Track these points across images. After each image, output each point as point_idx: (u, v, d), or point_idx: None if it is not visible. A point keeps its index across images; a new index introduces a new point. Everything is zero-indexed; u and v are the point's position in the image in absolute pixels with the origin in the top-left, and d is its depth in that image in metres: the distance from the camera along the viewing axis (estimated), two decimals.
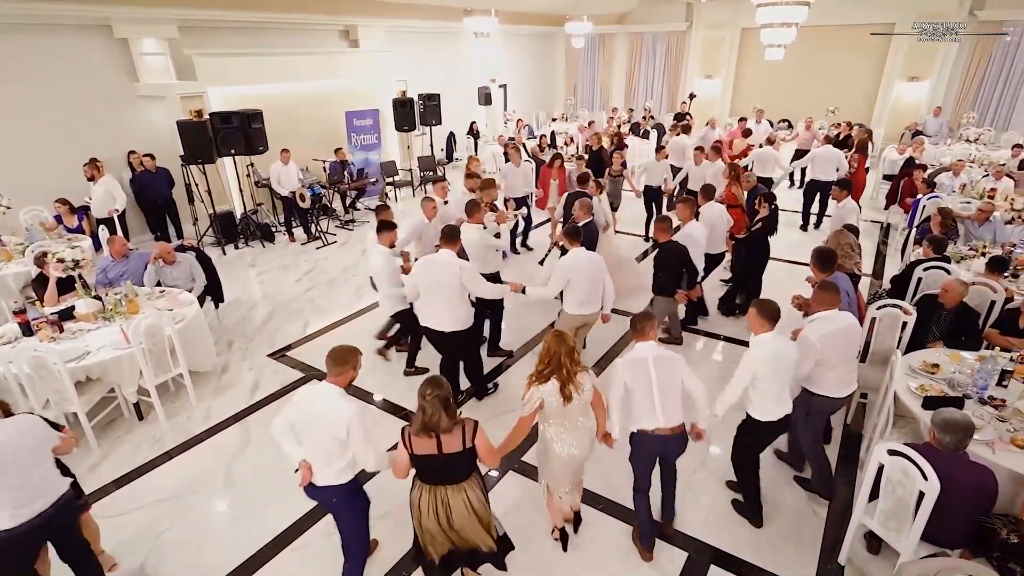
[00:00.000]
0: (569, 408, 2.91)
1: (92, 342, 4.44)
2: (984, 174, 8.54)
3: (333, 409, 2.67)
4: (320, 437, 2.71)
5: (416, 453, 2.59)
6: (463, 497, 2.67)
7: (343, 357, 2.75)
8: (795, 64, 13.81)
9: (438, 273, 4.23)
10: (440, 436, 2.55)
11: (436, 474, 2.65)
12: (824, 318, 3.49)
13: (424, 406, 2.54)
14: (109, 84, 8.18)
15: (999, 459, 3.00)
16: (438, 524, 2.68)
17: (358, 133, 11.15)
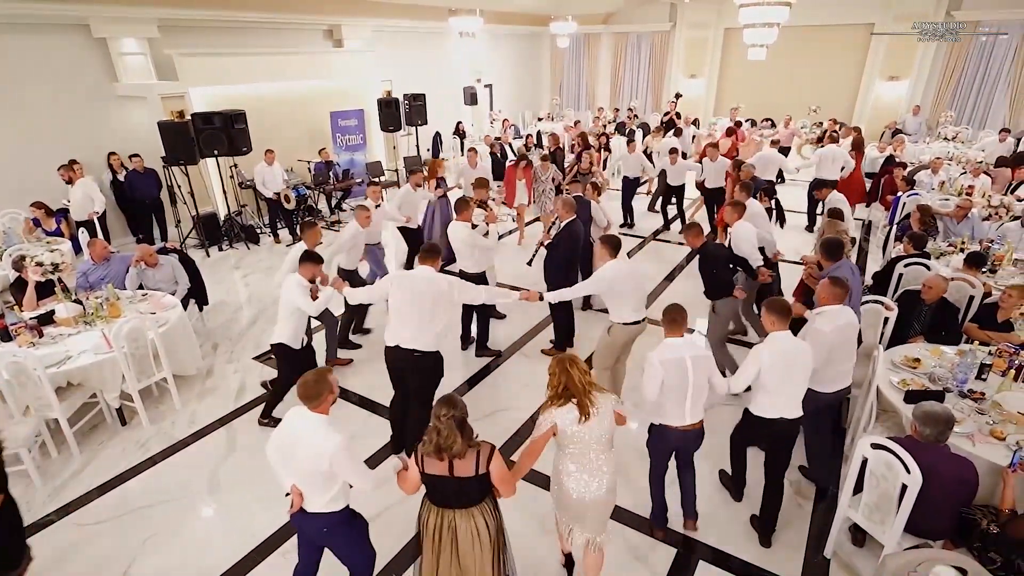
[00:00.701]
0: (584, 437, 2.63)
1: (73, 347, 4.36)
2: (962, 171, 8.71)
3: (316, 442, 2.49)
4: (301, 468, 2.54)
5: (427, 472, 2.44)
6: (472, 524, 2.49)
7: (315, 390, 2.54)
8: (778, 64, 13.99)
9: (417, 290, 3.76)
10: (453, 460, 2.38)
11: (445, 496, 2.49)
12: (830, 313, 3.51)
13: (439, 427, 2.35)
14: (88, 85, 8.03)
15: (979, 451, 3.06)
16: (440, 548, 2.51)
17: (343, 133, 11.08)
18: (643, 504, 3.74)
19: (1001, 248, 5.72)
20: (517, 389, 5.04)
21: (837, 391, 3.64)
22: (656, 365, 3.04)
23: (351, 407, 4.87)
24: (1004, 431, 3.18)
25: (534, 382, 5.00)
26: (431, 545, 2.55)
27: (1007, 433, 3.17)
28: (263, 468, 4.14)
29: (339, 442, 2.48)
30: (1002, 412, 3.36)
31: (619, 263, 4.14)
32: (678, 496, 3.57)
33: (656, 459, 3.39)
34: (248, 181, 9.08)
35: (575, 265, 5.56)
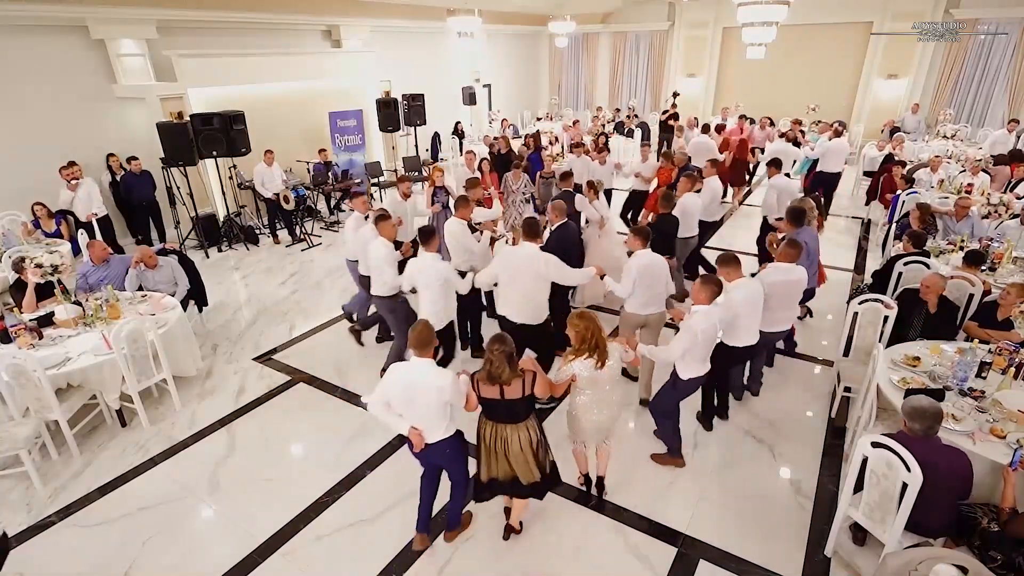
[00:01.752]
0: (600, 377, 3.26)
1: (73, 348, 4.36)
2: (961, 170, 8.71)
3: (433, 379, 3.00)
4: (427, 405, 3.03)
5: (482, 396, 3.03)
6: (519, 435, 3.09)
7: (427, 339, 3.06)
8: (776, 63, 13.98)
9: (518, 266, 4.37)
10: (504, 386, 2.95)
11: (498, 414, 3.09)
12: (779, 268, 4.34)
13: (491, 359, 2.92)
14: (86, 86, 8.03)
15: (979, 449, 3.06)
16: (496, 453, 3.14)
17: (342, 134, 11.08)
18: (643, 504, 3.75)
19: (1000, 246, 5.73)
20: None
21: (779, 331, 4.56)
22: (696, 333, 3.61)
23: (352, 408, 4.87)
24: (1004, 429, 3.18)
25: None
26: (487, 451, 3.17)
27: (1007, 431, 3.17)
28: (263, 469, 4.16)
29: (452, 376, 3.04)
30: (1002, 410, 3.36)
31: (645, 254, 4.35)
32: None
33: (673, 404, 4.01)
34: (247, 182, 9.08)
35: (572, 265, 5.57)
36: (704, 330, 3.62)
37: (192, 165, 8.04)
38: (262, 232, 9.29)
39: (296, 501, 3.82)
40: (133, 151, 8.31)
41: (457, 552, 3.44)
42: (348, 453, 4.29)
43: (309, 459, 4.32)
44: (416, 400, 3.03)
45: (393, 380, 3.06)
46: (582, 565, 3.35)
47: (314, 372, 5.37)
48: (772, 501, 3.79)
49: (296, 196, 8.89)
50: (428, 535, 3.50)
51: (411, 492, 3.87)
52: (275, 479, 4.06)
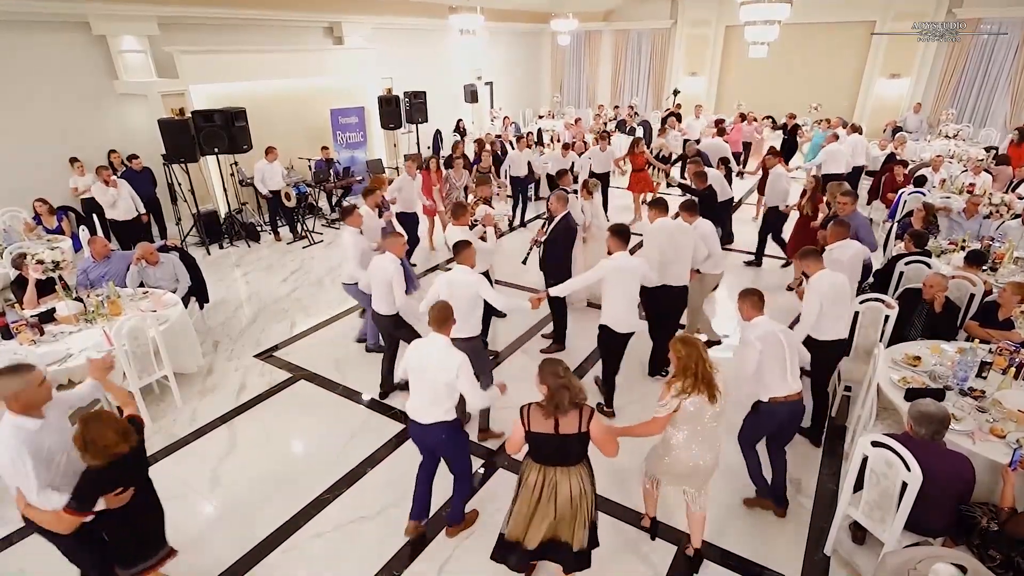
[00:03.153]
0: (706, 412, 2.86)
1: (74, 345, 4.37)
2: (963, 169, 8.69)
3: (443, 357, 3.05)
4: (434, 380, 3.07)
5: (532, 430, 2.67)
6: (571, 481, 2.71)
7: (447, 315, 3.15)
8: (778, 62, 13.96)
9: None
10: (558, 417, 2.61)
11: (549, 454, 2.71)
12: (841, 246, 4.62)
13: (566, 384, 2.59)
14: (88, 83, 8.02)
15: (979, 449, 3.06)
16: (539, 503, 2.74)
17: (343, 131, 11.07)
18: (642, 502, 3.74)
19: (1002, 246, 5.72)
20: (516, 386, 5.02)
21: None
22: (754, 342, 3.29)
23: (353, 405, 4.87)
24: (1004, 429, 3.18)
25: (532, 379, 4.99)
26: (528, 499, 2.76)
27: (1007, 431, 3.17)
28: (264, 465, 4.17)
29: (463, 357, 3.06)
30: (1002, 410, 3.36)
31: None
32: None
33: (756, 439, 3.60)
34: (248, 179, 9.08)
35: (571, 258, 5.59)
36: (761, 337, 3.30)
37: (193, 162, 8.04)
38: (263, 229, 9.29)
39: (297, 498, 3.83)
40: (134, 148, 8.31)
41: (458, 548, 3.45)
42: (349, 450, 4.29)
43: (310, 456, 4.32)
44: (425, 374, 3.11)
45: (409, 352, 3.21)
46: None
47: (315, 369, 5.38)
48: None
49: (297, 193, 8.89)
50: (420, 523, 3.50)
51: (411, 489, 3.88)
52: (276, 476, 4.07)
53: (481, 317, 4.18)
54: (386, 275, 4.39)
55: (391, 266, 4.40)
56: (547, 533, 2.77)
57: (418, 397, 3.19)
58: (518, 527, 2.81)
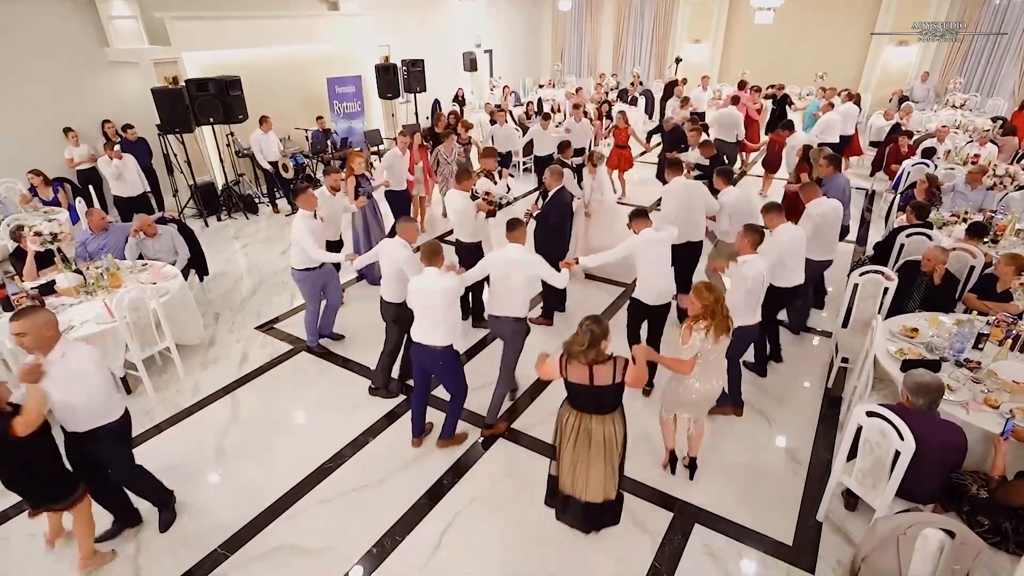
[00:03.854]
0: (716, 346, 3.23)
1: (75, 316, 4.38)
2: (968, 140, 8.58)
3: (438, 282, 3.51)
4: (433, 307, 3.54)
5: (569, 380, 2.87)
6: (604, 428, 2.94)
7: (436, 248, 3.63)
8: (784, 29, 13.64)
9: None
10: (592, 368, 2.79)
11: (585, 402, 2.94)
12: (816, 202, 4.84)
13: (579, 333, 2.79)
14: (78, 50, 7.84)
15: (972, 419, 3.10)
16: (575, 449, 2.99)
17: (340, 101, 10.89)
18: (641, 470, 3.82)
19: (1004, 218, 5.69)
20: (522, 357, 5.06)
21: (824, 260, 5.07)
22: (746, 280, 3.79)
23: (354, 376, 4.92)
24: (998, 400, 3.22)
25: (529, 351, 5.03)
26: (567, 443, 3.02)
27: (1001, 402, 3.21)
28: (267, 435, 4.24)
29: (455, 277, 3.64)
30: (997, 381, 3.40)
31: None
32: None
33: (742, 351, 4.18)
34: (245, 149, 8.96)
35: (566, 232, 5.59)
36: (753, 277, 3.79)
37: (189, 132, 7.93)
38: (261, 201, 9.22)
39: (300, 467, 3.90)
40: (128, 118, 8.18)
41: (459, 516, 3.53)
42: (350, 421, 4.35)
43: (312, 426, 4.39)
44: (424, 304, 3.56)
45: (411, 288, 3.67)
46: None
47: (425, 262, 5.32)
48: (767, 468, 3.87)
49: (295, 164, 8.79)
50: (420, 439, 4.07)
51: (413, 459, 3.97)
52: (279, 446, 4.14)
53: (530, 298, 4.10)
54: (396, 262, 4.10)
55: (403, 252, 4.08)
56: (594, 490, 3.06)
57: (423, 324, 3.64)
58: (567, 478, 3.11)
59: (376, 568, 3.20)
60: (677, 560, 3.23)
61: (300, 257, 4.82)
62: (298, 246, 4.76)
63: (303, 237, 4.68)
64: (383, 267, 4.25)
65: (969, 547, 2.34)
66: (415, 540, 3.37)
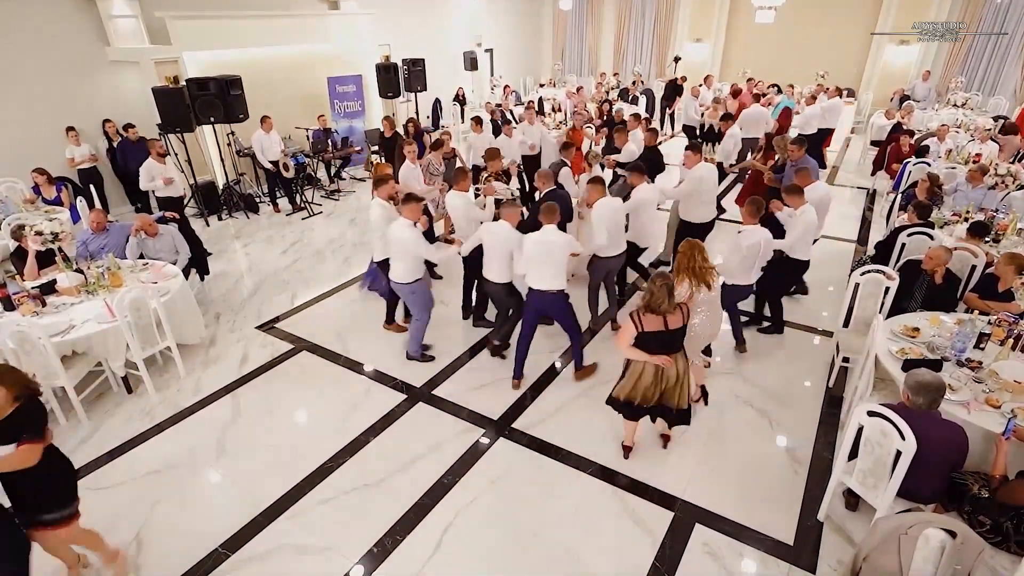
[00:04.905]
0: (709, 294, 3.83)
1: (76, 316, 4.38)
2: (970, 139, 8.57)
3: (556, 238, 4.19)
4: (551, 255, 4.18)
5: (646, 330, 3.31)
6: (677, 364, 3.46)
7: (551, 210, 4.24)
8: (785, 28, 13.62)
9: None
10: (667, 316, 3.30)
11: (661, 346, 3.38)
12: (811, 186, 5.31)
13: (653, 290, 3.28)
14: (79, 50, 7.85)
15: (974, 419, 3.10)
16: (651, 383, 3.48)
17: (341, 100, 10.88)
18: (641, 470, 3.82)
19: (1005, 217, 5.68)
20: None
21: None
22: (742, 249, 4.41)
23: (356, 376, 4.92)
24: (999, 399, 3.22)
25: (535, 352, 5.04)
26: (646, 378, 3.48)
27: (1002, 401, 3.21)
28: (268, 435, 4.24)
29: (570, 236, 4.38)
30: (998, 380, 3.39)
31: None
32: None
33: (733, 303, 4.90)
34: (246, 149, 8.96)
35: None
36: (749, 246, 4.40)
37: (189, 131, 7.93)
38: (262, 200, 9.22)
39: (301, 466, 3.90)
40: (128, 117, 8.19)
41: (460, 515, 3.53)
42: (351, 420, 4.36)
43: (313, 426, 4.39)
44: (545, 254, 4.15)
45: (532, 241, 4.16)
46: (583, 529, 3.44)
47: (317, 340, 5.42)
48: (768, 468, 3.87)
49: (296, 164, 8.79)
50: (520, 380, 4.64)
51: (414, 458, 3.97)
52: (280, 445, 4.14)
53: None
54: (507, 244, 4.39)
55: (513, 235, 4.36)
56: (655, 400, 3.55)
57: (544, 271, 4.21)
58: (628, 391, 3.58)
59: (377, 567, 3.20)
60: (678, 560, 3.23)
61: (411, 268, 4.63)
62: (408, 257, 4.56)
63: (419, 245, 4.50)
64: (491, 250, 4.51)
65: (970, 547, 2.34)
66: (416, 539, 3.37)
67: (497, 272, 4.58)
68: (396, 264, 4.64)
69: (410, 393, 4.66)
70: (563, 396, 4.59)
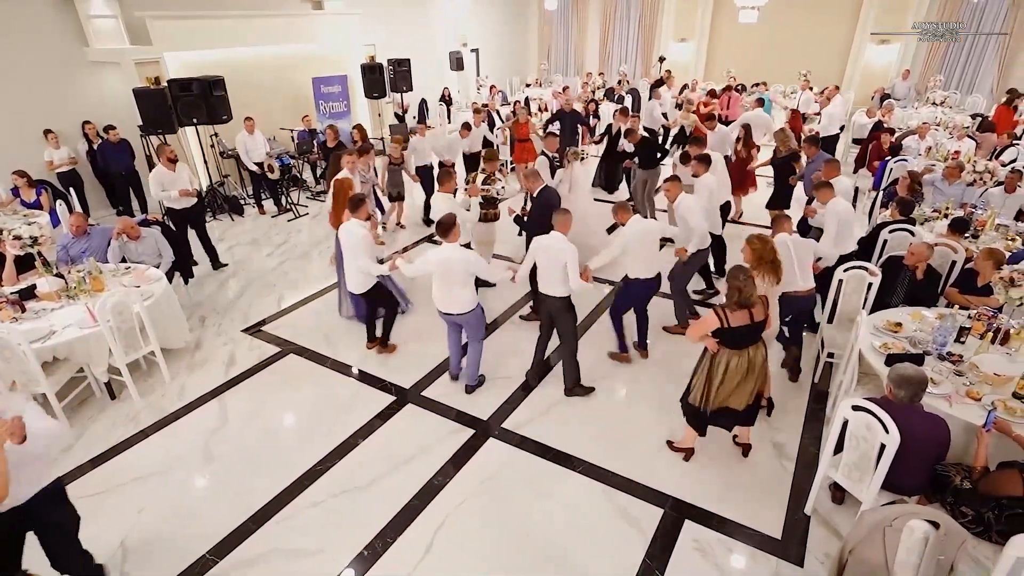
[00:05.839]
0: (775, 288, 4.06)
1: (57, 321, 4.30)
2: (949, 136, 8.72)
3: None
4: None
5: (732, 326, 3.37)
6: (760, 351, 3.54)
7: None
8: (769, 28, 13.76)
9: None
10: (752, 310, 3.36)
11: (745, 338, 3.47)
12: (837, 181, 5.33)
13: (740, 287, 3.30)
14: (57, 50, 7.72)
15: (955, 411, 3.15)
16: (735, 377, 3.50)
17: (326, 100, 10.81)
18: (632, 468, 3.84)
19: (984, 213, 5.79)
20: (506, 356, 5.07)
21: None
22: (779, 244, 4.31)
23: (344, 378, 4.89)
24: (980, 392, 3.28)
25: (520, 349, 5.05)
26: (731, 375, 3.50)
27: (983, 394, 3.27)
28: (256, 439, 4.20)
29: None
30: (979, 373, 3.45)
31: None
32: None
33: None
34: (230, 150, 8.86)
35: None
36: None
37: (172, 133, 7.82)
38: (247, 202, 9.13)
39: (290, 470, 3.87)
40: (109, 118, 8.06)
41: (451, 516, 3.52)
42: (340, 422, 4.33)
43: (301, 429, 4.35)
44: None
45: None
46: (574, 528, 3.45)
47: (304, 343, 5.37)
48: (756, 463, 3.91)
49: (281, 165, 8.71)
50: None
51: (404, 459, 3.96)
52: (268, 449, 4.10)
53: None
54: (562, 255, 4.08)
55: (569, 247, 4.08)
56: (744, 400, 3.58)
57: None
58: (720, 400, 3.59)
59: (368, 570, 3.18)
60: (668, 555, 3.25)
61: (473, 293, 4.25)
62: (469, 280, 4.19)
63: (480, 266, 4.20)
64: (550, 263, 4.14)
65: (953, 537, 2.38)
66: (407, 541, 3.36)
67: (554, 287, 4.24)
68: (452, 291, 4.17)
69: (399, 395, 4.64)
70: (553, 396, 4.59)
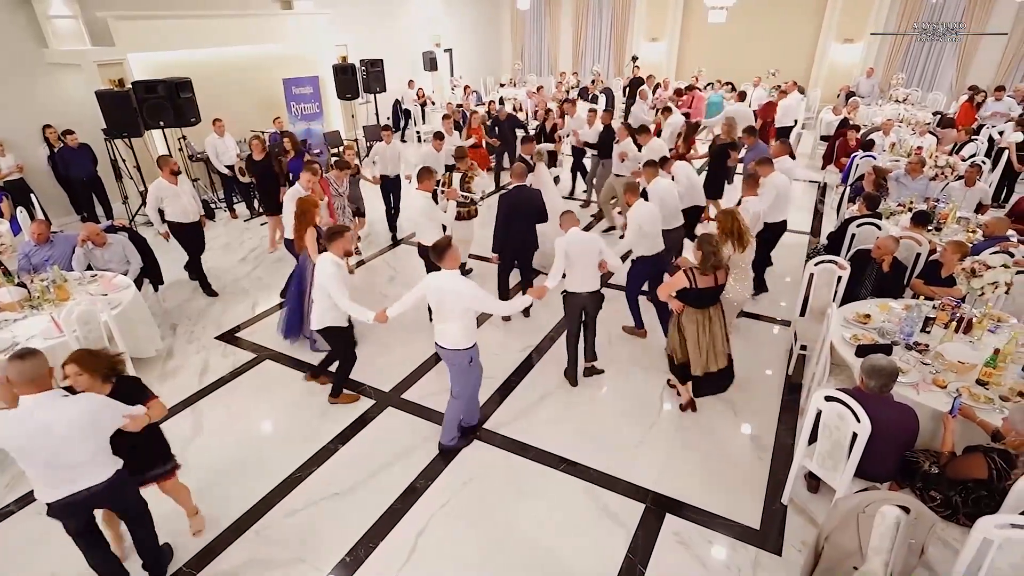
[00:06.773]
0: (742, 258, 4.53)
1: (20, 332, 4.16)
2: (912, 132, 8.99)
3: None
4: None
5: (699, 287, 3.80)
6: (720, 311, 4.04)
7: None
8: (738, 28, 14.00)
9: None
10: (716, 273, 3.80)
11: (708, 299, 3.94)
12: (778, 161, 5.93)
13: (715, 251, 3.74)
14: (13, 50, 7.44)
15: (922, 399, 3.26)
16: (700, 335, 3.98)
17: (298, 102, 10.64)
18: (613, 465, 3.87)
19: (946, 207, 5.98)
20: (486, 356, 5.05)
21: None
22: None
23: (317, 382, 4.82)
24: (946, 380, 3.39)
25: (504, 351, 5.05)
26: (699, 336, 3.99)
27: (948, 381, 3.38)
28: (232, 447, 4.12)
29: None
30: (944, 362, 3.57)
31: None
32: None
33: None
34: (199, 153, 8.67)
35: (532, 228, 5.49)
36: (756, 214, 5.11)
37: (137, 136, 7.60)
38: (218, 207, 8.94)
39: (268, 478, 3.80)
40: (71, 122, 7.80)
41: (433, 519, 3.50)
42: (318, 428, 4.27)
43: (279, 436, 4.28)
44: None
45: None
46: (557, 526, 3.46)
47: (280, 349, 5.29)
48: (733, 455, 3.98)
49: None
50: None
51: (384, 464, 3.92)
52: (245, 457, 4.02)
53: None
54: (594, 244, 4.28)
55: (596, 237, 4.39)
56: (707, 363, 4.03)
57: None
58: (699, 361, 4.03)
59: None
60: (650, 550, 3.29)
61: (469, 327, 3.68)
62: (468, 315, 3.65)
63: (479, 300, 3.61)
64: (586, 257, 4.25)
65: (924, 521, 2.45)
66: (389, 546, 3.33)
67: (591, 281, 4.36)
68: (447, 326, 3.64)
69: (379, 398, 4.60)
70: (532, 395, 4.61)
